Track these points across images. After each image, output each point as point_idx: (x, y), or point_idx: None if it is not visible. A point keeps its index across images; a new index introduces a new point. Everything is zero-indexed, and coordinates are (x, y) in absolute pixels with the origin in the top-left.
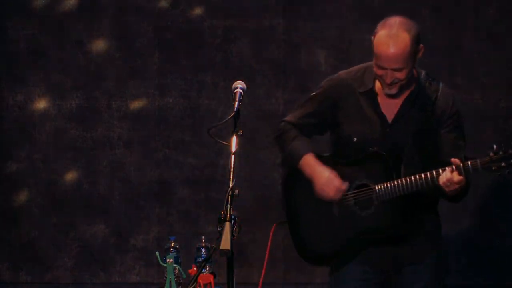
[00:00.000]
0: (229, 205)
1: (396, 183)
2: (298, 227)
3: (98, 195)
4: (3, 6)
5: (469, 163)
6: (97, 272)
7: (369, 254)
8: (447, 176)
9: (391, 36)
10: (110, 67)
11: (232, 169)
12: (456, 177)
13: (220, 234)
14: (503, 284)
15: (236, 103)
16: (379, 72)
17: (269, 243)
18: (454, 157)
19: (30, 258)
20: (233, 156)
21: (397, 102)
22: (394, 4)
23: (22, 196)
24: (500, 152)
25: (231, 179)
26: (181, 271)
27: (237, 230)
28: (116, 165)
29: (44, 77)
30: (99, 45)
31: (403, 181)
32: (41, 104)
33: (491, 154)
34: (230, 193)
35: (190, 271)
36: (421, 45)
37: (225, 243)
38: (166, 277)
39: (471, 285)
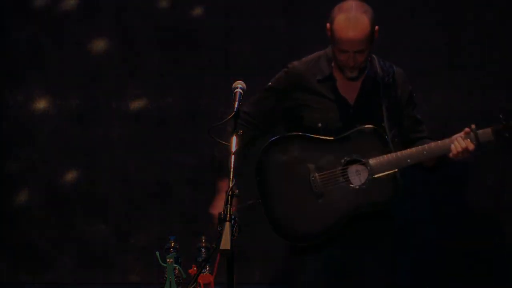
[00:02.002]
0: (229, 205)
1: (395, 155)
2: (278, 208)
3: (98, 195)
4: (3, 6)
5: (481, 130)
6: (97, 272)
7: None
8: (462, 145)
9: (350, 19)
10: (110, 67)
11: (232, 169)
12: (470, 145)
13: (220, 234)
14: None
15: (236, 103)
16: (342, 57)
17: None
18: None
19: (30, 258)
20: (233, 156)
21: (356, 85)
22: (394, 4)
23: (22, 196)
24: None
25: (231, 179)
26: (181, 271)
27: (237, 230)
28: (116, 165)
29: (44, 77)
30: (99, 45)
31: (406, 153)
32: (41, 104)
33: (504, 122)
34: (230, 193)
35: (190, 271)
36: (377, 26)
37: (225, 243)
38: (166, 277)
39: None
